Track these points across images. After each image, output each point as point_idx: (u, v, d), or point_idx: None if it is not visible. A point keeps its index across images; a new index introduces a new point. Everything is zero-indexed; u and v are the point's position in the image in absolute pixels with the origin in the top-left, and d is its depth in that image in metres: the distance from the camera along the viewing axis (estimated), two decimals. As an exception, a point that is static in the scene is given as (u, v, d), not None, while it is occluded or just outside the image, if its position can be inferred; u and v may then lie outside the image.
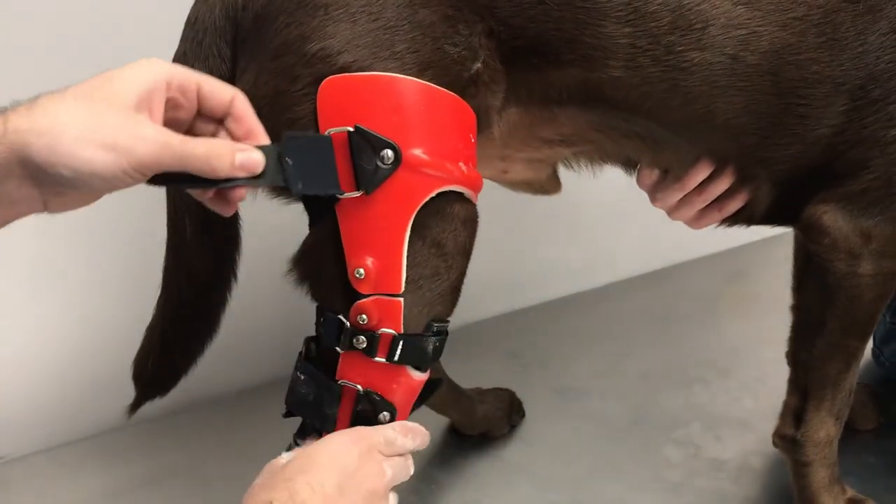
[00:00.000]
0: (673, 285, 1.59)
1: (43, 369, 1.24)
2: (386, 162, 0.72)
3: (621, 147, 0.92)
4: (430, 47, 0.76)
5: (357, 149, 0.72)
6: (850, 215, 0.86)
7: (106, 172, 0.56)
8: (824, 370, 0.94)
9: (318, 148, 0.72)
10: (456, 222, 0.78)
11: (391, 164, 0.72)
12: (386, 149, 0.72)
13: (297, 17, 0.75)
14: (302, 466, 0.68)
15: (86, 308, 1.23)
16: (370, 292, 0.75)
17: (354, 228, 0.74)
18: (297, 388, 0.79)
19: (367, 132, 0.72)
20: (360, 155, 0.71)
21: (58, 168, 0.55)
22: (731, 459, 1.13)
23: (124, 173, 0.57)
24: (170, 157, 0.59)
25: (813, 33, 0.80)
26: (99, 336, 1.25)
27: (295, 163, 0.69)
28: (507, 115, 0.86)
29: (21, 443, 1.21)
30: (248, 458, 1.15)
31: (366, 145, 0.71)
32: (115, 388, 0.93)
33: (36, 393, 1.24)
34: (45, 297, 1.22)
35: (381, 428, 0.75)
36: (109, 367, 1.22)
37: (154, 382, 0.93)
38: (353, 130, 0.72)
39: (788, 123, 0.84)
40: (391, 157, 0.72)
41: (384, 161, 0.72)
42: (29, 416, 1.24)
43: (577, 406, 1.26)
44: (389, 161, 0.72)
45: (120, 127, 0.57)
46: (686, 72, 0.81)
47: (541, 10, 0.79)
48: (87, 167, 0.56)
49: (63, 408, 1.25)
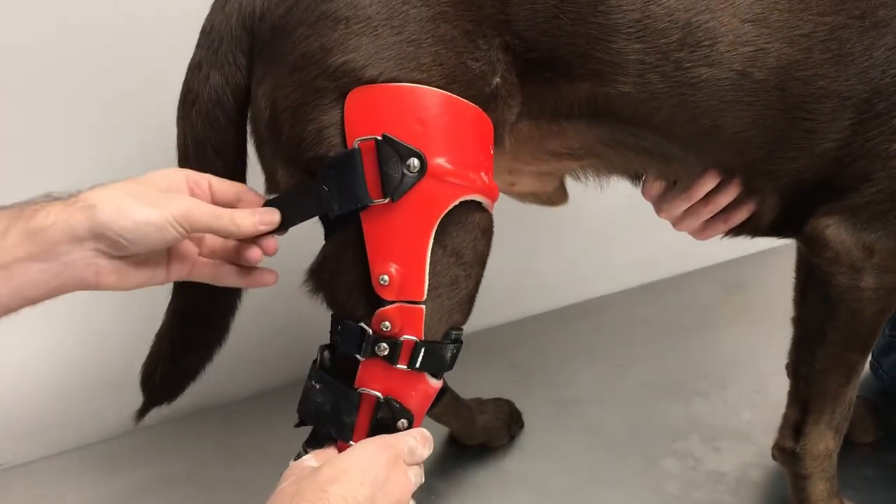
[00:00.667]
0: (672, 296, 1.60)
1: (44, 376, 1.24)
2: (412, 170, 0.73)
3: (629, 161, 0.93)
4: (454, 61, 0.77)
5: (384, 157, 0.73)
6: (852, 229, 0.87)
7: (156, 222, 0.71)
8: (825, 383, 0.95)
9: (349, 164, 0.73)
10: (476, 231, 0.79)
11: (417, 173, 0.73)
12: (412, 157, 0.73)
13: (318, 30, 0.76)
14: (334, 477, 0.69)
15: (88, 316, 1.23)
16: (394, 299, 0.76)
17: (379, 235, 0.75)
18: (313, 397, 0.79)
19: (394, 141, 0.73)
20: (387, 163, 0.73)
21: (120, 222, 0.70)
22: (730, 472, 1.13)
23: (169, 223, 0.71)
24: (199, 212, 0.73)
25: (819, 49, 0.82)
26: (99, 343, 1.25)
27: (330, 188, 0.73)
28: (519, 128, 0.87)
29: (21, 449, 1.21)
30: (249, 465, 1.17)
31: (393, 153, 0.73)
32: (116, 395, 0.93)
33: (37, 400, 1.24)
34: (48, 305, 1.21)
35: (404, 436, 0.75)
36: (110, 375, 1.22)
37: (162, 388, 0.93)
38: (380, 139, 0.73)
39: (794, 137, 0.85)
40: (417, 165, 0.73)
41: (410, 169, 0.73)
42: (29, 422, 1.23)
43: (576, 417, 1.26)
44: (415, 169, 0.73)
45: (162, 196, 0.73)
46: (694, 87, 0.82)
47: (555, 24, 0.80)
48: (142, 219, 0.70)
49: (64, 415, 1.25)
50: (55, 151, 1.15)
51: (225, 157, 0.84)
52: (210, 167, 0.83)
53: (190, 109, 0.83)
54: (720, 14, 0.80)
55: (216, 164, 0.83)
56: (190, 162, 0.84)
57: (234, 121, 0.82)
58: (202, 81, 0.82)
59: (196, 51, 0.83)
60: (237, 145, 0.84)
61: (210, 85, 0.81)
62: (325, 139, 0.75)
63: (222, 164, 0.83)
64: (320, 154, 0.75)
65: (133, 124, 1.17)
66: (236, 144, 0.84)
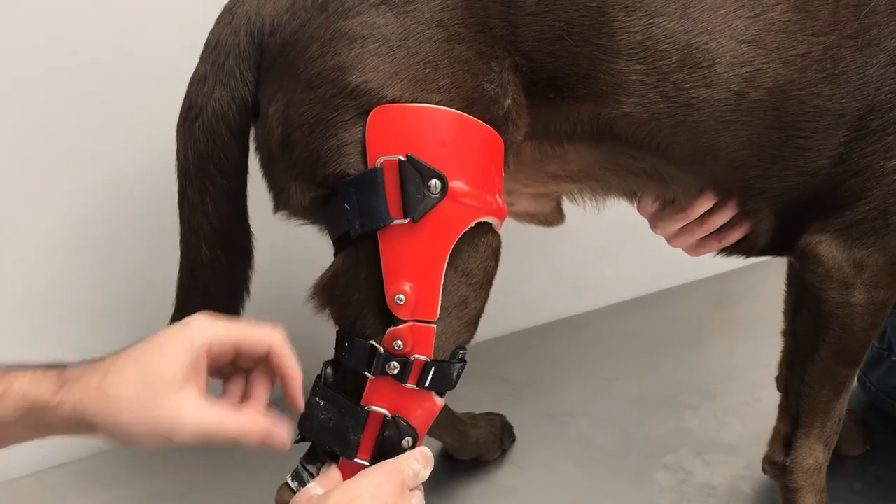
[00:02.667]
0: (662, 310, 1.61)
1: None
2: (433, 191, 0.74)
3: (627, 183, 0.94)
4: (471, 83, 0.78)
5: (407, 177, 0.73)
6: (844, 245, 0.88)
7: (152, 446, 0.69)
8: (815, 397, 0.96)
9: (371, 183, 0.74)
10: (488, 252, 0.80)
11: (439, 194, 0.74)
12: (434, 178, 0.74)
13: (333, 48, 0.76)
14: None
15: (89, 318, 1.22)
16: (408, 318, 0.76)
17: (397, 255, 0.75)
18: (316, 413, 0.79)
19: (418, 161, 0.73)
20: (409, 183, 0.73)
21: (111, 434, 0.68)
22: (721, 484, 1.14)
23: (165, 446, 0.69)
24: (206, 440, 0.70)
25: (814, 69, 0.83)
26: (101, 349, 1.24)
27: (352, 207, 0.73)
28: (521, 149, 0.88)
29: (9, 467, 1.19)
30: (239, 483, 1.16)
31: (415, 174, 0.73)
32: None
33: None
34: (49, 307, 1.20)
35: (408, 460, 0.76)
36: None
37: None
38: (404, 159, 0.73)
39: (789, 155, 0.86)
40: (438, 186, 0.74)
41: (432, 190, 0.74)
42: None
43: (567, 431, 1.26)
44: (437, 191, 0.74)
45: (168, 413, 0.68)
46: (693, 108, 0.84)
47: (560, 45, 0.81)
48: (136, 441, 0.68)
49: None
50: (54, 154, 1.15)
51: (226, 174, 0.84)
52: (211, 183, 0.83)
53: (192, 124, 0.83)
54: (718, 36, 0.82)
55: (217, 180, 0.83)
56: (190, 178, 0.84)
57: (238, 137, 0.83)
58: (206, 96, 0.82)
59: (200, 64, 0.83)
60: (239, 162, 0.84)
61: (215, 100, 0.81)
62: (344, 156, 0.75)
63: (223, 181, 0.84)
64: (339, 171, 0.76)
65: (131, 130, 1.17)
66: (238, 161, 0.84)
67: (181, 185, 0.86)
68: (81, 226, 1.20)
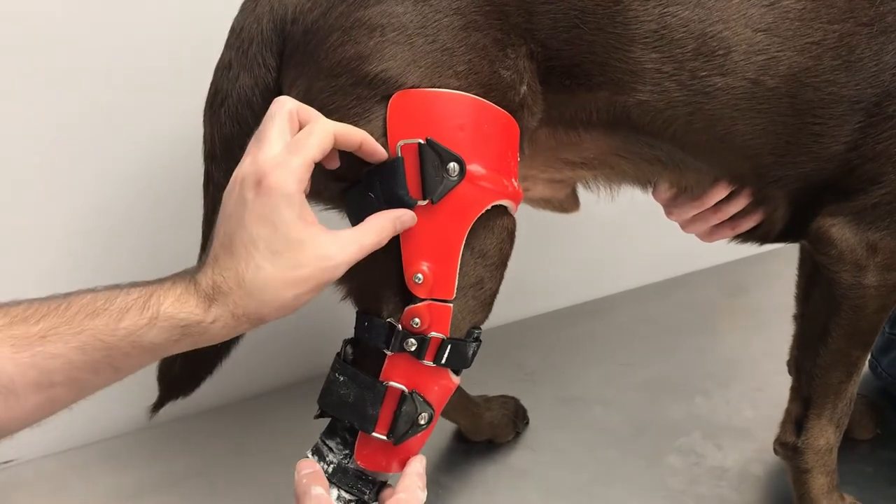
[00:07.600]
0: (675, 297, 1.62)
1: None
2: (452, 174, 0.75)
3: (642, 171, 0.95)
4: (487, 70, 0.79)
5: (426, 160, 0.75)
6: (857, 228, 0.89)
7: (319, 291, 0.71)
8: (827, 379, 0.97)
9: (392, 169, 0.75)
10: (503, 234, 0.81)
11: (457, 177, 0.75)
12: (453, 161, 0.75)
13: (353, 36, 0.77)
14: None
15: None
16: (426, 297, 0.78)
17: (415, 235, 0.77)
18: (336, 389, 0.80)
19: (437, 145, 0.75)
20: (429, 166, 0.75)
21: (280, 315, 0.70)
22: (732, 467, 1.15)
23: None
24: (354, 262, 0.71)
25: (829, 56, 0.84)
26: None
27: (376, 196, 0.75)
28: (537, 135, 0.89)
29: (32, 446, 1.20)
30: (259, 463, 1.18)
31: (435, 157, 0.75)
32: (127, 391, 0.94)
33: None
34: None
35: (415, 490, 0.78)
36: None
37: (178, 383, 0.95)
38: (424, 143, 0.75)
39: (804, 142, 0.87)
40: (457, 169, 0.75)
41: (450, 173, 0.75)
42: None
43: (581, 415, 1.28)
44: (455, 174, 0.75)
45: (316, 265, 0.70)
46: (709, 96, 0.85)
47: (576, 33, 0.82)
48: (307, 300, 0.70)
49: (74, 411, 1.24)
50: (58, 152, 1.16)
51: None
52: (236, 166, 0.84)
53: (218, 109, 0.84)
54: (733, 24, 0.83)
55: None
56: (216, 161, 0.86)
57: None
58: (231, 81, 0.83)
59: (225, 51, 0.85)
60: None
61: (240, 85, 0.83)
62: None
63: None
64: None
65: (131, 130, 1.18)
66: None
67: (207, 167, 0.88)
68: (87, 224, 1.20)
